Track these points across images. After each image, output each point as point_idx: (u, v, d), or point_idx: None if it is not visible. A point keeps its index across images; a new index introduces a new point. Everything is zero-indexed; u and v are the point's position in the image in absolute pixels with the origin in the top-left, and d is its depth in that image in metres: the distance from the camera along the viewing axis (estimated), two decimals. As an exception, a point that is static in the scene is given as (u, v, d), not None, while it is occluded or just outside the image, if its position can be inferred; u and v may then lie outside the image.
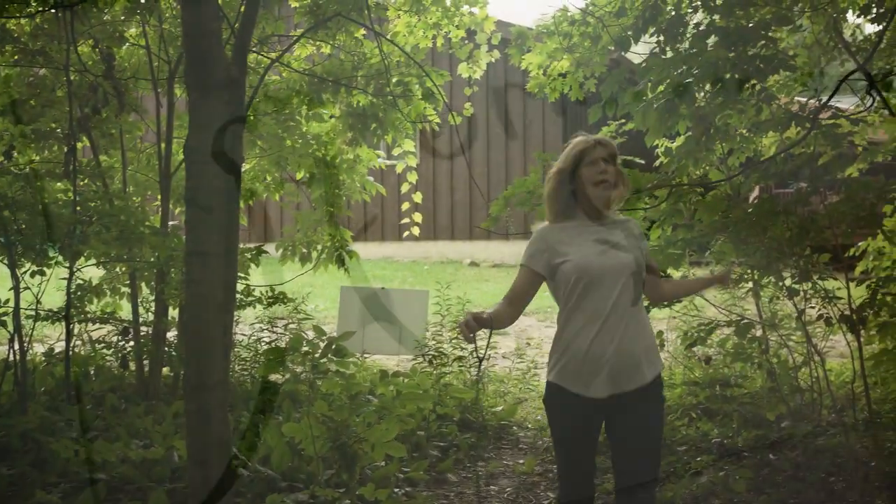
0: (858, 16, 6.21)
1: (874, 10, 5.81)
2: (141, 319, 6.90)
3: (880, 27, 5.86)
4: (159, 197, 7.02)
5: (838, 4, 6.45)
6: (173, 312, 6.87)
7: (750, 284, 6.03)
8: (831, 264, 5.66)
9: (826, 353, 6.27)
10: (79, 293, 6.34)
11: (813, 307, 5.56)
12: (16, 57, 6.50)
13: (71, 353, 6.24)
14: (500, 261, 19.09)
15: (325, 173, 7.77)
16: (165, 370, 6.90)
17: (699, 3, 5.86)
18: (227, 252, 4.20)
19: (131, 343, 6.78)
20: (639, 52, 7.70)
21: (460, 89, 9.11)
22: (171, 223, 7.04)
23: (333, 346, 4.61)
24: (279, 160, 7.52)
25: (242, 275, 6.55)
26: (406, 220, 8.61)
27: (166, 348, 6.65)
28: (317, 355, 4.84)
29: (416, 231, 8.53)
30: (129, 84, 7.00)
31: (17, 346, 5.70)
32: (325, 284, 13.85)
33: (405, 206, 8.79)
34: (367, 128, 7.59)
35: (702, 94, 5.57)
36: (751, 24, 5.48)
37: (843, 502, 4.69)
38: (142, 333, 6.79)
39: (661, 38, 5.92)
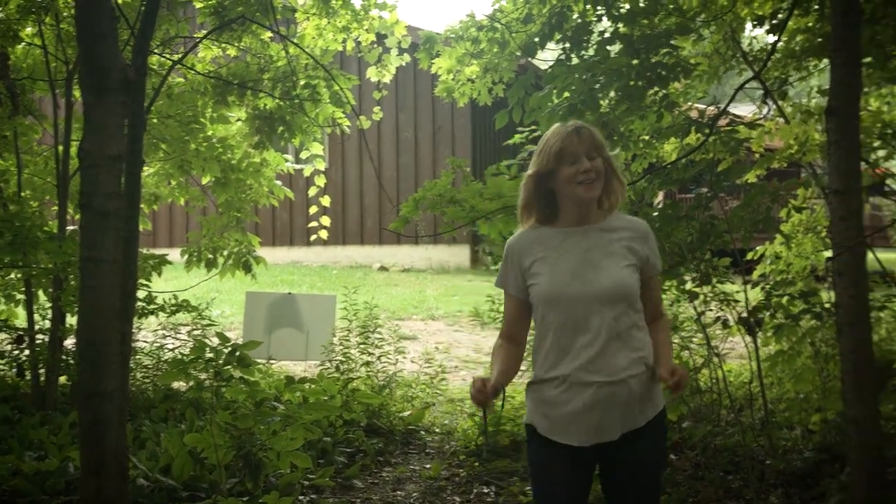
0: (755, 26, 6.38)
1: (768, 22, 5.99)
2: (37, 327, 6.70)
3: (775, 38, 6.04)
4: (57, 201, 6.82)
5: (738, 15, 6.62)
6: (71, 320, 6.68)
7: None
8: (731, 268, 5.80)
9: (726, 354, 6.42)
10: (-30, 300, 6.12)
11: (712, 310, 5.68)
12: None
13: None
14: (409, 265, 19.10)
15: (230, 177, 7.66)
16: (63, 379, 6.70)
17: (604, 11, 5.94)
18: (127, 258, 4.09)
19: (26, 351, 6.58)
20: (546, 58, 7.78)
21: (370, 93, 9.08)
22: (69, 228, 6.84)
23: (237, 354, 4.52)
24: (183, 164, 7.37)
25: (144, 281, 6.40)
26: (314, 224, 8.53)
27: (63, 356, 6.46)
28: (220, 362, 4.74)
29: (323, 235, 8.46)
30: (25, 85, 6.80)
31: None
32: (231, 290, 13.68)
33: (313, 209, 8.70)
34: (273, 131, 7.48)
35: (606, 101, 5.66)
36: (654, 33, 5.59)
37: (740, 500, 4.81)
38: (38, 341, 6.59)
39: (567, 45, 5.99)
